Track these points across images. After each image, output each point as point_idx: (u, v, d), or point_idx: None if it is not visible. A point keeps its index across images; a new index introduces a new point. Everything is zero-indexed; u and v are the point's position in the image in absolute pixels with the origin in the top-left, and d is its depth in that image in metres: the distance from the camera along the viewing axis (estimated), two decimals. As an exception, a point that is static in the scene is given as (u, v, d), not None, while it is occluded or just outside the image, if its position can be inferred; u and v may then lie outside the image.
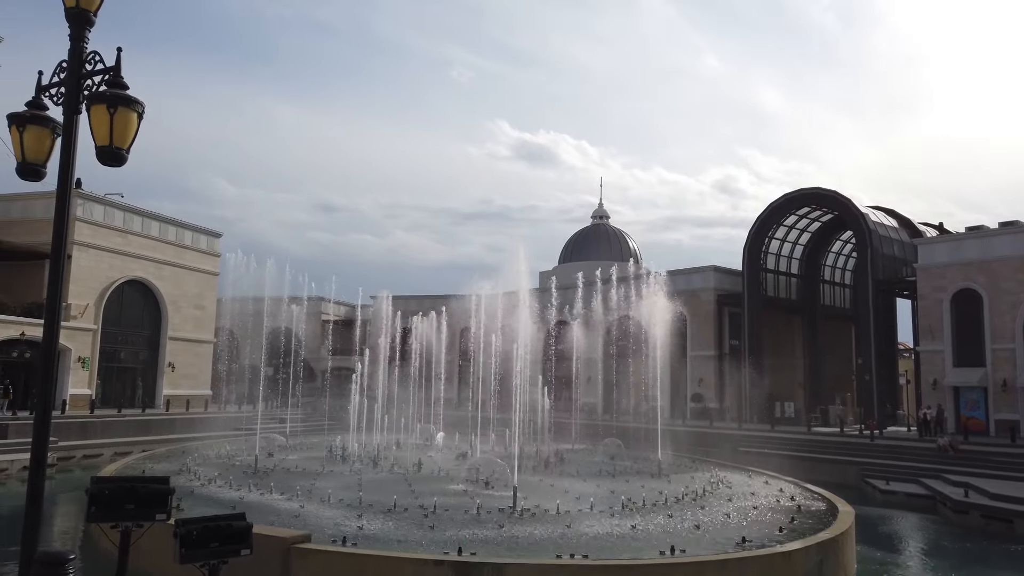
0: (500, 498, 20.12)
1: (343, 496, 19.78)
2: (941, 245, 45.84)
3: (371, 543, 14.67)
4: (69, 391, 43.11)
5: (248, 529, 5.96)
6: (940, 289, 43.67)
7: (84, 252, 45.30)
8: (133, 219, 49.68)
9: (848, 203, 50.35)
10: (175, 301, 51.84)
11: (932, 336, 43.93)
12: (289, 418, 47.09)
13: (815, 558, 14.65)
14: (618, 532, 16.84)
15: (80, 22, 6.01)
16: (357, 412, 36.38)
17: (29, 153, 6.09)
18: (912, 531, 25.51)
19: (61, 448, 34.28)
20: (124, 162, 5.95)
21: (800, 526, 17.57)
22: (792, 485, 24.97)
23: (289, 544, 13.20)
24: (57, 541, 19.42)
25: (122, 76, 6.01)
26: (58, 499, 25.06)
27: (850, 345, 59.61)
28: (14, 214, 44.60)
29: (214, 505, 18.21)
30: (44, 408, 5.88)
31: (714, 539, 16.15)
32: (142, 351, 50.56)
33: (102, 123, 5.81)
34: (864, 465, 35.31)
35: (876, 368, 47.46)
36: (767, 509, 20.46)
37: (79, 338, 44.64)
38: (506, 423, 35.72)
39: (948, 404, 42.25)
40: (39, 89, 6.24)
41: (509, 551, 14.69)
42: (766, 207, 54.26)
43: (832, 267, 60.48)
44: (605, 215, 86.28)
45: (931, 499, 28.95)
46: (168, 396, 49.47)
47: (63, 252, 5.94)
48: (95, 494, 5.73)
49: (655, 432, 32.59)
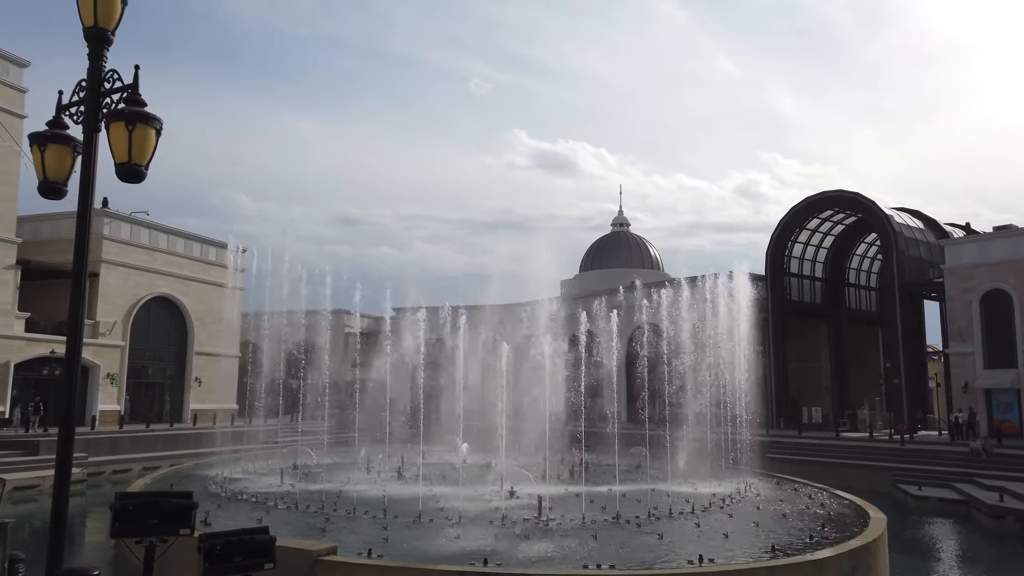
0: (525, 507, 20.02)
1: (368, 507, 19.79)
2: (969, 246, 45.11)
3: (396, 554, 14.65)
4: (98, 407, 43.72)
5: (271, 543, 5.96)
6: (969, 290, 42.95)
7: (111, 270, 46.02)
8: (159, 236, 50.43)
9: (872, 205, 49.76)
10: (200, 316, 52.42)
11: (962, 338, 43.18)
12: (314, 431, 47.36)
13: (847, 566, 14.38)
14: (645, 541, 16.67)
15: (98, 41, 6.09)
16: (382, 424, 36.47)
17: (50, 172, 6.17)
18: (946, 537, 25.01)
19: (91, 464, 34.74)
20: (143, 178, 6.01)
21: (831, 533, 17.28)
22: (821, 491, 24.59)
23: (315, 557, 13.20)
24: (87, 556, 19.62)
25: (140, 93, 6.08)
26: (89, 514, 25.35)
27: (877, 349, 58.73)
28: (43, 234, 45.43)
29: (242, 516, 18.30)
30: (67, 425, 5.93)
31: (743, 548, 15.92)
32: (169, 366, 51.16)
33: (121, 140, 5.87)
34: (895, 470, 34.73)
35: (905, 371, 46.73)
36: (796, 516, 20.15)
37: (107, 355, 45.27)
38: (531, 432, 35.59)
39: (980, 407, 41.46)
40: (59, 108, 6.33)
41: (535, 561, 14.58)
42: (788, 211, 53.79)
43: (857, 270, 59.72)
44: (625, 222, 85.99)
45: (964, 504, 28.38)
46: (195, 410, 49.96)
47: (84, 268, 6.00)
48: (119, 510, 5.76)
49: (681, 440, 32.34)
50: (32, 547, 19.92)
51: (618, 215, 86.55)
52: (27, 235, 42.88)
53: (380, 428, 36.21)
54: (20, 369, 40.41)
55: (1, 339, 39.28)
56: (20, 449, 33.67)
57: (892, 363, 48.32)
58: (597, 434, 41.20)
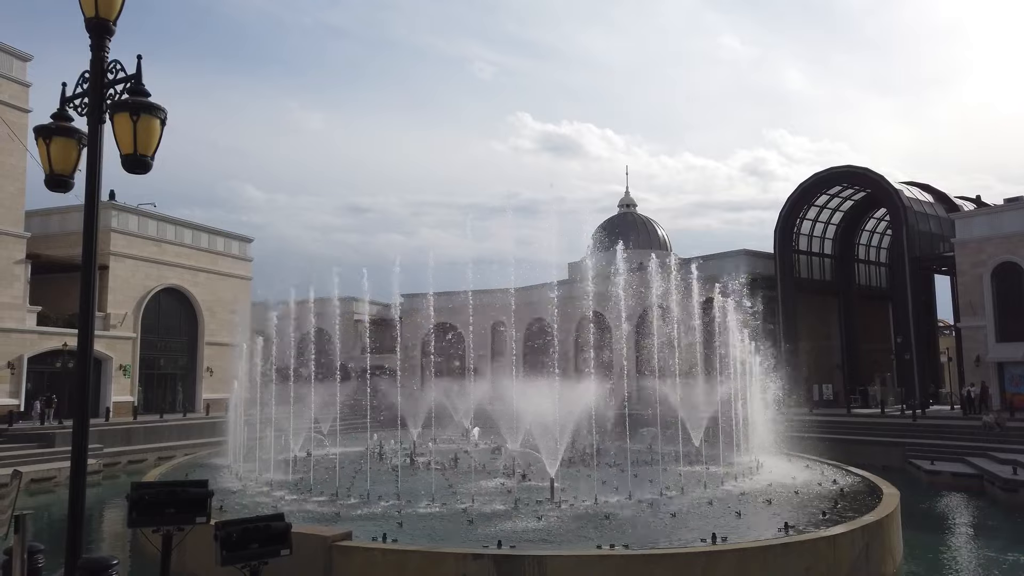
0: (537, 490, 20.11)
1: (382, 493, 19.91)
2: (979, 218, 44.75)
3: (411, 539, 14.75)
4: (112, 399, 44.07)
5: (287, 529, 5.98)
6: (980, 264, 42.66)
7: (120, 262, 46.21)
8: (166, 228, 50.57)
9: (880, 180, 49.37)
10: (210, 307, 52.64)
11: (973, 312, 42.95)
12: (326, 418, 47.56)
13: (860, 542, 14.39)
14: (658, 521, 16.72)
15: (100, 32, 6.05)
16: (393, 410, 36.63)
17: (56, 164, 6.16)
18: (960, 511, 24.98)
19: (106, 455, 35.05)
20: (149, 169, 5.99)
21: (844, 510, 17.28)
22: (834, 468, 24.60)
23: (330, 542, 13.31)
24: (106, 546, 19.83)
25: (143, 84, 6.05)
26: (106, 504, 25.61)
27: (888, 324, 58.48)
28: (52, 228, 45.64)
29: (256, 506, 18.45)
30: (82, 415, 5.96)
31: (756, 526, 15.95)
32: (181, 357, 51.47)
33: (126, 131, 5.85)
34: (907, 446, 34.68)
35: (916, 346, 46.56)
36: (809, 494, 20.17)
37: (119, 346, 45.55)
38: (542, 415, 35.56)
39: (992, 381, 41.31)
40: (63, 101, 6.31)
41: (548, 543, 14.65)
42: (796, 188, 53.41)
43: (867, 246, 59.36)
44: (632, 203, 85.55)
45: (978, 478, 28.32)
46: (208, 400, 50.29)
47: (93, 259, 6.01)
48: (136, 500, 5.79)
49: (693, 420, 32.29)
50: (50, 538, 20.15)
51: (625, 196, 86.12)
52: (36, 230, 43.04)
53: (391, 414, 36.38)
54: (33, 363, 40.74)
55: (14, 333, 39.57)
56: (36, 442, 34.02)
57: (903, 338, 48.12)
58: (609, 415, 41.19)
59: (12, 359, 39.47)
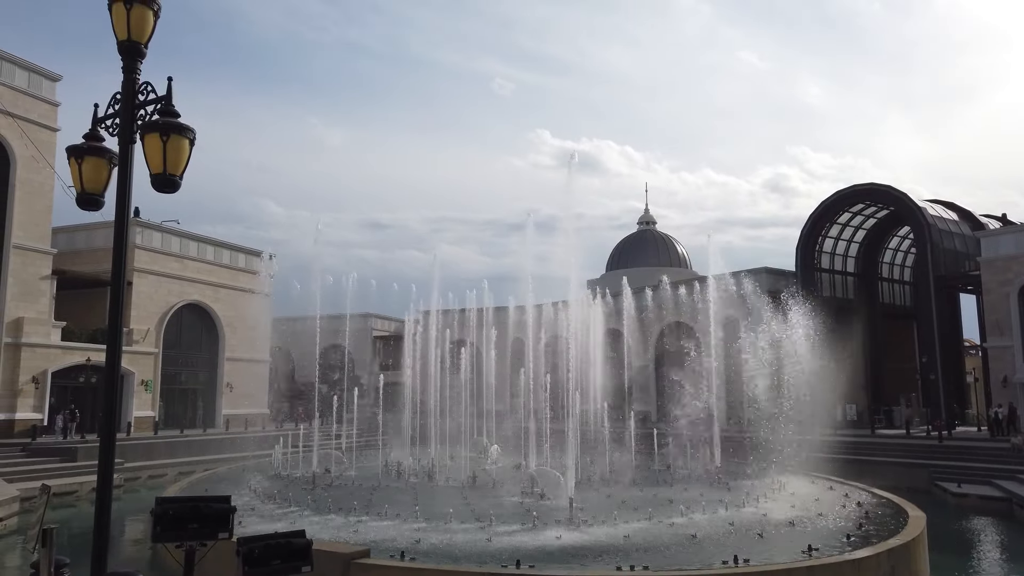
0: (556, 509, 19.98)
1: (400, 510, 19.88)
2: (1006, 237, 44.19)
3: (429, 557, 14.70)
4: (134, 413, 44.45)
5: (308, 546, 5.99)
6: (1006, 283, 42.07)
7: (144, 279, 46.81)
8: (189, 244, 51.18)
9: (904, 197, 48.94)
10: (231, 323, 53.09)
11: (1000, 331, 42.32)
12: (344, 434, 47.61)
13: (886, 566, 14.15)
14: (679, 542, 16.54)
15: (132, 54, 6.18)
16: (411, 426, 36.61)
17: (88, 184, 6.29)
18: (987, 535, 24.49)
19: (127, 469, 35.29)
20: (178, 188, 6.09)
21: (868, 533, 17.00)
22: (858, 490, 24.23)
23: (349, 559, 13.30)
24: (126, 559, 19.93)
25: (173, 104, 6.17)
26: (127, 519, 25.76)
27: (912, 344, 57.65)
28: (78, 245, 46.37)
29: (275, 522, 18.49)
30: (109, 431, 6.02)
31: (779, 547, 15.73)
32: (201, 372, 51.89)
33: (156, 151, 5.96)
34: (933, 467, 34.10)
35: (941, 366, 45.89)
36: (833, 515, 19.87)
37: (141, 362, 46.02)
38: (561, 434, 35.41)
39: (1020, 401, 40.58)
40: (95, 121, 6.44)
41: (567, 563, 14.54)
42: (818, 205, 53.07)
43: (890, 264, 58.74)
44: (652, 220, 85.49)
45: (1007, 501, 27.78)
46: (227, 416, 50.57)
47: (123, 276, 6.10)
48: (159, 514, 5.83)
49: (712, 438, 32.06)
50: (73, 551, 20.28)
51: (644, 213, 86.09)
52: (62, 246, 43.73)
53: (410, 431, 36.40)
54: (57, 377, 41.22)
55: (39, 348, 40.09)
56: (59, 456, 34.34)
57: (928, 358, 47.45)
58: (629, 434, 40.93)
59: (36, 373, 39.97)
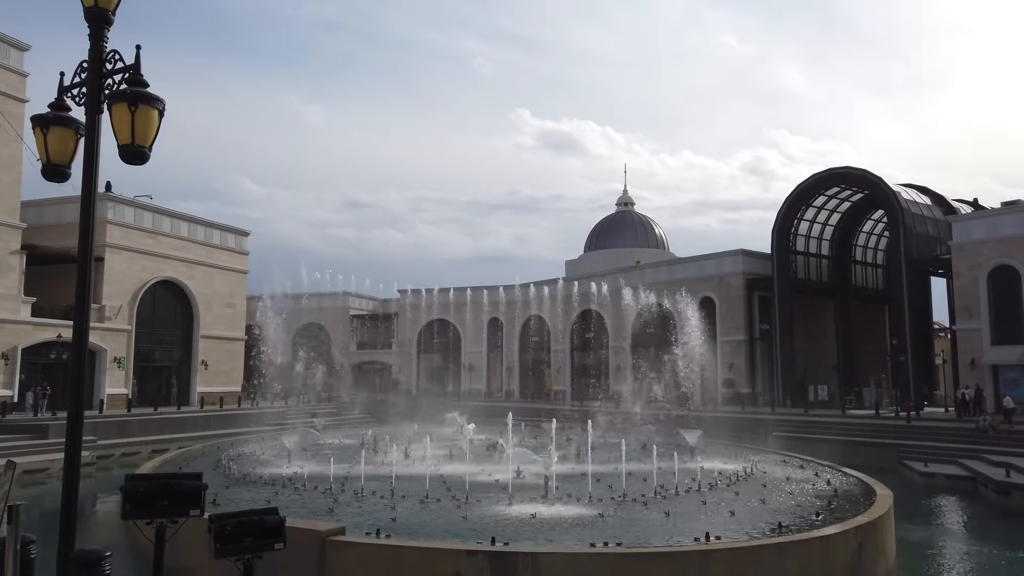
0: (532, 487, 20.10)
1: (376, 488, 19.89)
2: (976, 221, 44.82)
3: (405, 534, 14.73)
4: (106, 391, 43.95)
5: (281, 523, 5.97)
6: (976, 266, 42.74)
7: (116, 254, 46.08)
8: (163, 220, 50.40)
9: (879, 182, 49.41)
10: (206, 300, 52.52)
11: (969, 314, 43.05)
12: (320, 412, 47.53)
13: (854, 543, 14.42)
14: (653, 519, 16.73)
15: (99, 21, 6.00)
16: (387, 405, 36.59)
17: (53, 154, 6.12)
18: (953, 513, 25.06)
19: (100, 447, 34.96)
20: (146, 160, 5.95)
21: (837, 510, 17.31)
22: (828, 469, 24.63)
23: (324, 536, 13.27)
24: (98, 538, 19.77)
25: (142, 74, 6.00)
26: (99, 496, 25.55)
27: (884, 326, 58.56)
28: (48, 219, 45.44)
29: (252, 497, 18.42)
30: (76, 408, 5.93)
31: (750, 525, 15.97)
32: (176, 350, 51.36)
33: (124, 122, 5.81)
34: (902, 447, 34.76)
35: (911, 348, 46.64)
36: (803, 494, 20.20)
37: (114, 339, 45.44)
38: (538, 412, 35.56)
39: (987, 383, 41.41)
40: (61, 90, 6.26)
41: (543, 540, 14.65)
42: (794, 188, 53.44)
43: (864, 247, 59.42)
44: (630, 202, 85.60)
45: (972, 480, 28.42)
46: (202, 393, 50.20)
47: (90, 250, 5.97)
48: (130, 492, 5.77)
49: (687, 419, 32.38)
50: (43, 529, 20.09)
51: (623, 194, 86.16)
52: (31, 220, 42.85)
53: (386, 409, 36.37)
54: (27, 354, 40.62)
55: (8, 324, 39.44)
56: (29, 433, 33.91)
57: (899, 340, 48.20)
58: (603, 413, 41.20)
59: (6, 350, 39.36)
